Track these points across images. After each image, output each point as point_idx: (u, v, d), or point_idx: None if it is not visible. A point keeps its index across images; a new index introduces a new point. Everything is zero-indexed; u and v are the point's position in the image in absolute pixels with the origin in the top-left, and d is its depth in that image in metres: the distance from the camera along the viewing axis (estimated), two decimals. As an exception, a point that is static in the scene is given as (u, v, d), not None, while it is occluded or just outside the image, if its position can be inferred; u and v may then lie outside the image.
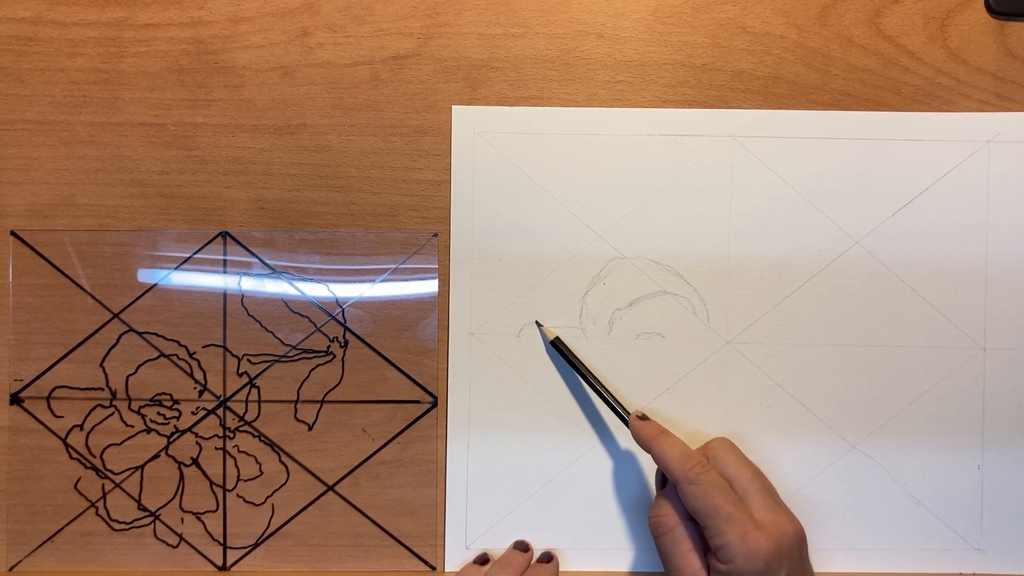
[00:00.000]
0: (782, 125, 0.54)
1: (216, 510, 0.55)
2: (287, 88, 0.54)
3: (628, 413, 0.51)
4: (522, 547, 0.53)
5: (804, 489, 0.55)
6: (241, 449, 0.55)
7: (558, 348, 0.53)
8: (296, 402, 0.55)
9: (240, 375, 0.55)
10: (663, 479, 0.50)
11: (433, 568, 0.55)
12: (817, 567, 0.54)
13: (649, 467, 0.54)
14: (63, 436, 0.55)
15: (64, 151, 0.54)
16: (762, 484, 0.46)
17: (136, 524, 0.55)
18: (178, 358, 0.55)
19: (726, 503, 0.44)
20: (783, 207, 0.54)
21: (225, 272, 0.55)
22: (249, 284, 0.55)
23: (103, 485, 0.55)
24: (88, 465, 0.55)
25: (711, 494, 0.45)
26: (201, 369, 0.55)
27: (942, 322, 0.54)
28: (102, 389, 0.55)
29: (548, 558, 0.53)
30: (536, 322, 0.54)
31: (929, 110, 0.54)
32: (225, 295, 0.55)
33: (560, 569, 0.54)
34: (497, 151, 0.54)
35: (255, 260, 0.55)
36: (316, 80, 0.54)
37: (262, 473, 0.55)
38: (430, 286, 0.55)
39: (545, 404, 0.54)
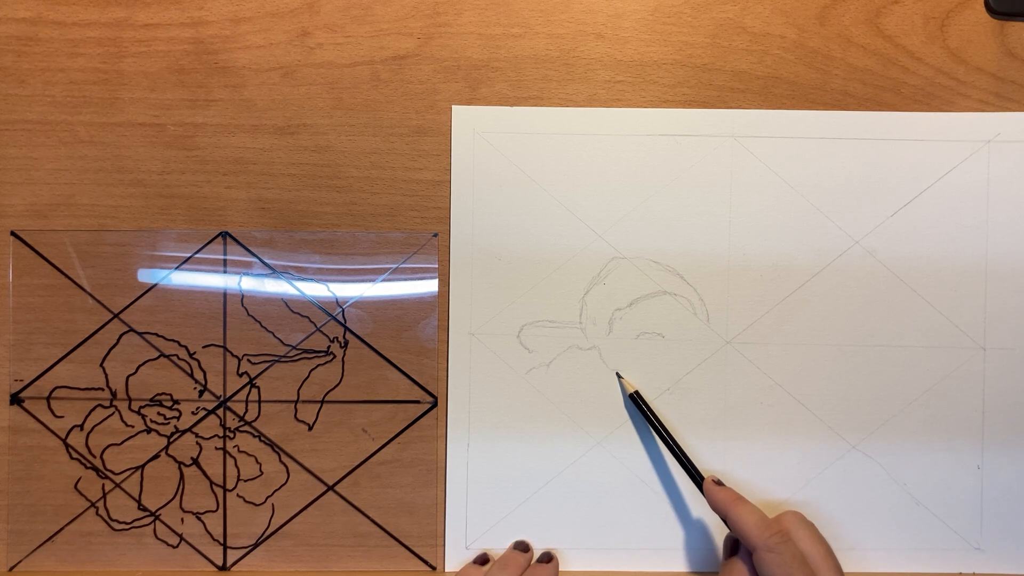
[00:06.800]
0: (782, 125, 0.54)
1: (216, 510, 0.55)
2: (287, 88, 0.54)
3: (702, 476, 0.51)
4: (522, 547, 0.53)
5: (804, 489, 0.55)
6: (241, 449, 0.55)
7: (636, 403, 0.53)
8: (296, 402, 0.55)
9: (240, 375, 0.55)
10: (733, 545, 0.50)
11: (433, 568, 0.55)
12: (817, 567, 0.55)
13: (650, 470, 0.54)
14: (63, 436, 0.55)
15: (64, 151, 0.54)
16: (834, 563, 0.46)
17: (136, 524, 0.55)
18: (178, 358, 0.55)
19: None
20: (783, 207, 0.54)
21: (225, 272, 0.55)
22: (249, 284, 0.55)
23: (103, 485, 0.55)
24: (88, 465, 0.55)
25: (790, 565, 0.45)
26: (201, 369, 0.55)
27: (942, 322, 0.54)
28: (102, 389, 0.55)
29: (548, 558, 0.53)
30: (617, 373, 0.54)
31: (929, 110, 0.54)
32: (225, 295, 0.55)
33: (560, 569, 0.54)
34: (497, 151, 0.54)
35: (255, 260, 0.55)
36: (316, 80, 0.54)
37: (262, 473, 0.55)
38: (430, 286, 0.55)
39: (545, 404, 0.54)
